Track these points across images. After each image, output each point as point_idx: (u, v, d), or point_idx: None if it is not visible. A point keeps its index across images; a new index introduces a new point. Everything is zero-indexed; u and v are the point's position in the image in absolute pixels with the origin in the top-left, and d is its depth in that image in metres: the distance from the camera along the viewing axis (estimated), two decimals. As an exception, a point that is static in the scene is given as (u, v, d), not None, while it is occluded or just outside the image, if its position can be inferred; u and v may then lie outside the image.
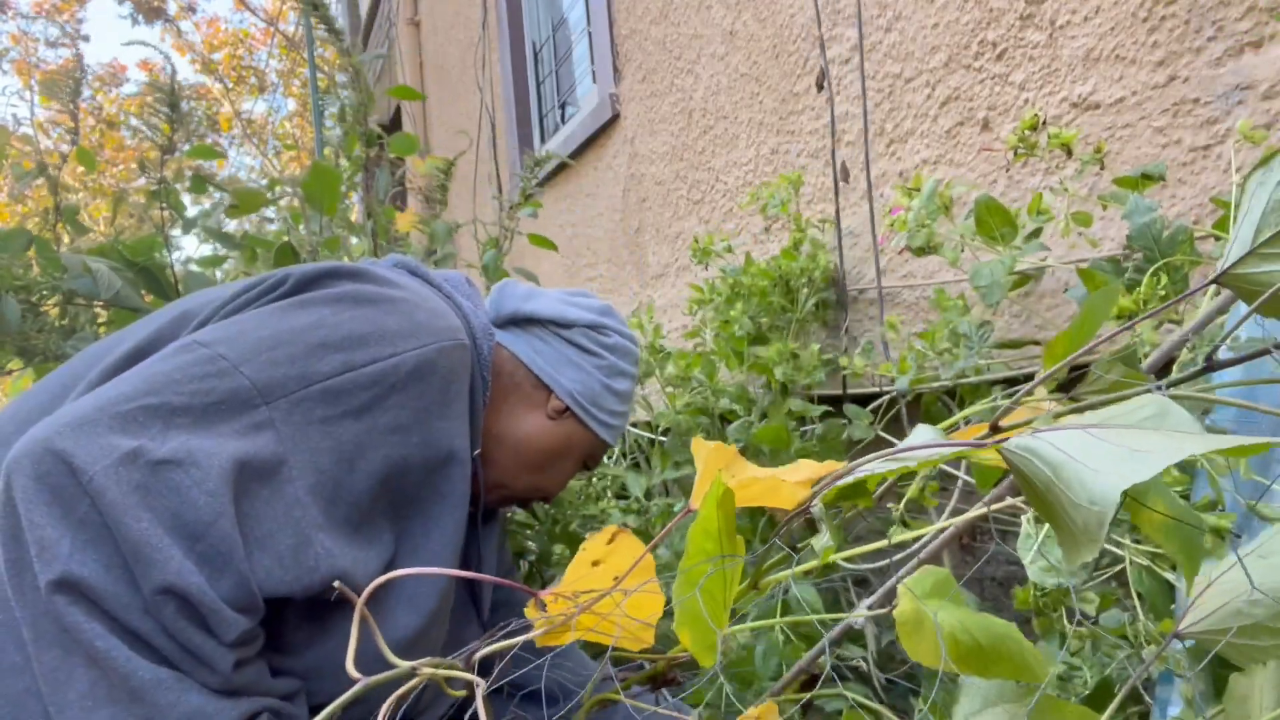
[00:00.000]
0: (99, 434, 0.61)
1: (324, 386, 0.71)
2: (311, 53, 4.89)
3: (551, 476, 1.00)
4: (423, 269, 0.93)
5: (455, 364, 0.80)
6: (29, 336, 1.34)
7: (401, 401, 0.74)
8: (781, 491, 0.53)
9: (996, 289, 1.16)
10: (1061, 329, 1.29)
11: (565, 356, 0.98)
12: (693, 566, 0.47)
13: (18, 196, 5.79)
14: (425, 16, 5.73)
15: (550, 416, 0.97)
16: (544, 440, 0.97)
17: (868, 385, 1.60)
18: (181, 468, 0.62)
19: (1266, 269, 0.45)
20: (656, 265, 2.64)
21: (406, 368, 0.75)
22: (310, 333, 0.73)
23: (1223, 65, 1.09)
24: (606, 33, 2.86)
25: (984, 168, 1.45)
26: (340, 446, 0.71)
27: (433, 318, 0.80)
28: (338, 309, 0.76)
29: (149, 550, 0.59)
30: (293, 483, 0.67)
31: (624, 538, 0.58)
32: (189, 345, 0.70)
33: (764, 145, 2.06)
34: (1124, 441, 0.37)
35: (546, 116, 3.96)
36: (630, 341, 1.02)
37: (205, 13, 30.81)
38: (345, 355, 0.73)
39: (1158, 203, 1.08)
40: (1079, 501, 0.36)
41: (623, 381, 1.00)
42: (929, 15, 1.53)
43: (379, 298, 0.78)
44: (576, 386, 0.97)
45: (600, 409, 0.98)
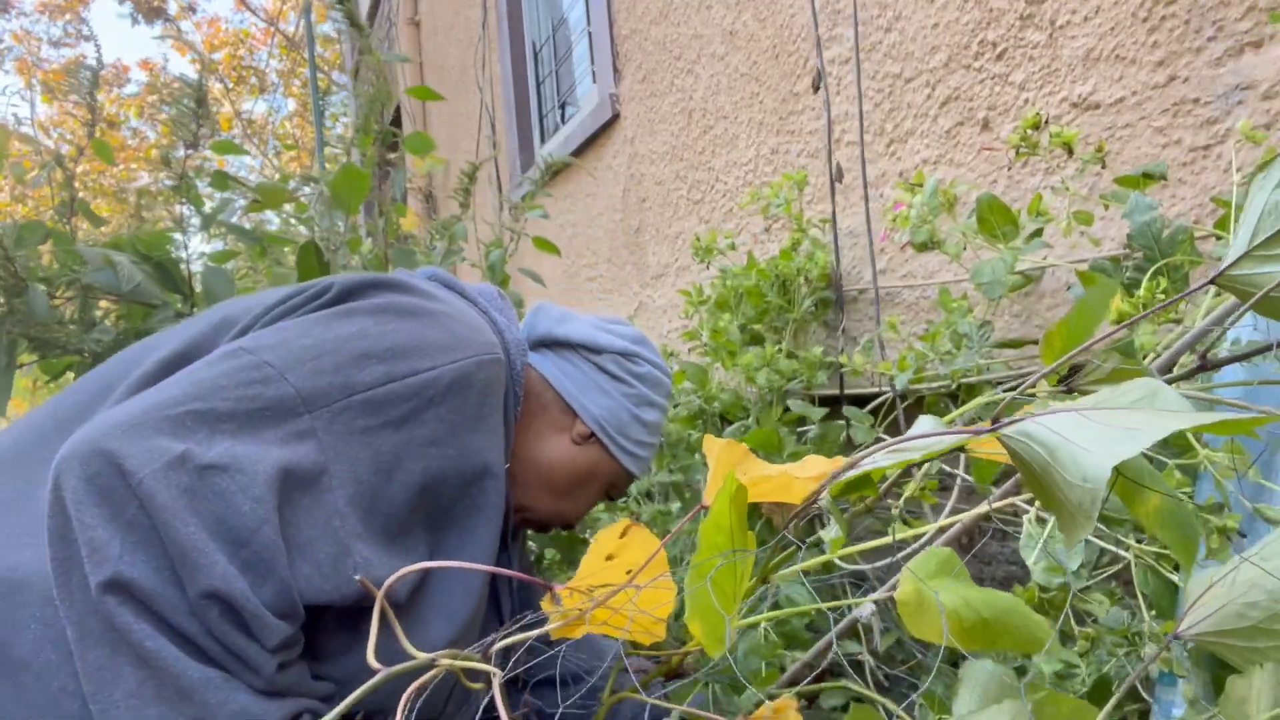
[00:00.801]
0: (148, 436, 0.62)
1: (365, 397, 0.72)
2: (312, 53, 4.89)
3: (574, 502, 1.00)
4: (457, 282, 0.94)
5: (491, 378, 0.81)
6: (49, 328, 1.34)
7: (439, 414, 0.75)
8: (793, 488, 0.53)
9: (998, 286, 1.16)
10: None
11: (594, 382, 0.98)
12: (704, 560, 0.49)
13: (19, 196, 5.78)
14: (425, 16, 5.73)
15: (575, 441, 0.97)
16: (568, 465, 0.97)
17: (866, 385, 1.60)
18: (227, 473, 0.62)
19: (1262, 270, 0.45)
20: (656, 265, 2.65)
21: (445, 380, 0.76)
22: (354, 342, 0.74)
23: (1223, 65, 1.09)
24: (606, 33, 2.86)
25: (984, 168, 1.45)
26: (379, 457, 0.71)
27: (471, 331, 0.81)
28: (381, 320, 0.76)
29: (195, 555, 0.60)
30: (332, 491, 0.68)
31: (636, 531, 0.59)
32: (235, 351, 0.71)
33: (764, 145, 2.06)
34: (1115, 421, 0.38)
35: (546, 116, 3.96)
36: (662, 373, 1.02)
37: (205, 12, 30.81)
38: (387, 366, 0.73)
39: (1158, 202, 1.08)
40: (1073, 480, 0.37)
41: (651, 412, 1.00)
42: (929, 15, 1.53)
43: (420, 310, 0.79)
44: (603, 413, 0.97)
45: (626, 438, 0.98)
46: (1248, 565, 0.48)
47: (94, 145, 1.49)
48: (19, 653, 0.64)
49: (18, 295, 1.30)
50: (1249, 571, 0.48)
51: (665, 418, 1.03)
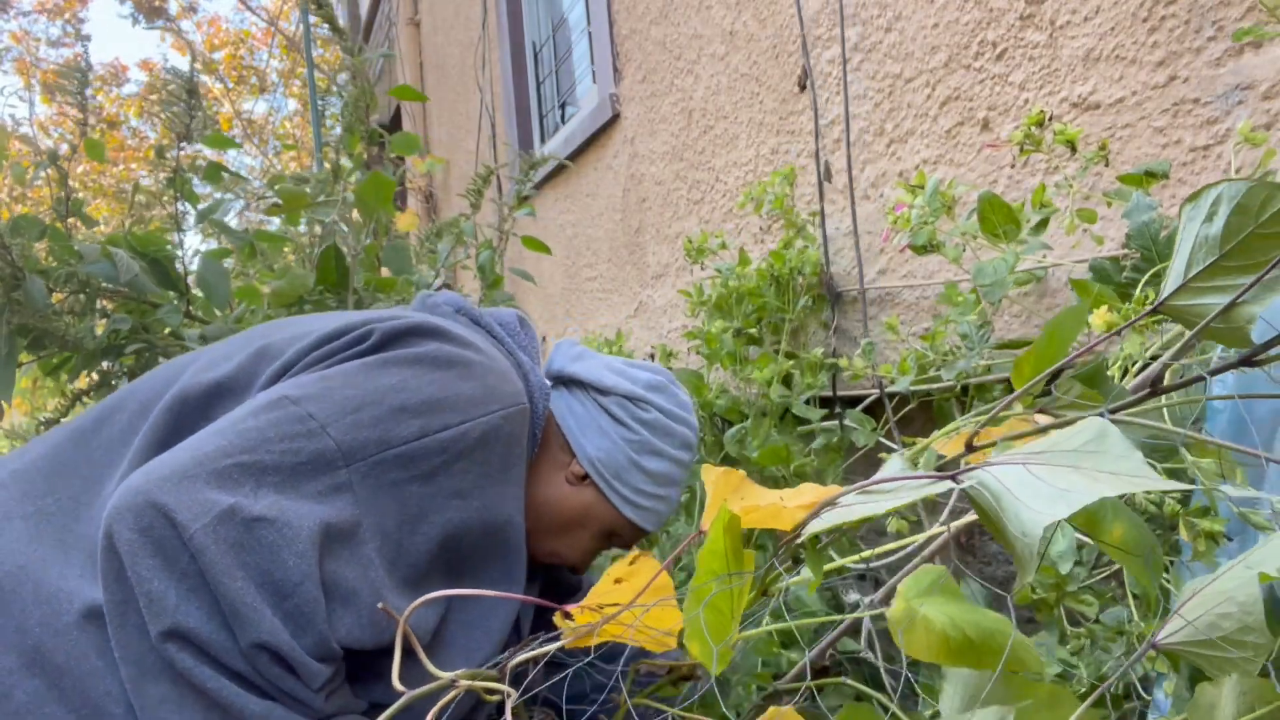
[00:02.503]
0: (198, 489, 0.64)
1: (400, 451, 0.73)
2: (311, 53, 4.89)
3: (568, 544, 0.98)
4: (483, 316, 0.94)
5: (516, 430, 0.83)
6: (48, 319, 1.34)
7: (466, 467, 0.77)
8: (783, 516, 0.57)
9: (999, 287, 1.16)
10: (1061, 329, 1.29)
11: (595, 423, 0.97)
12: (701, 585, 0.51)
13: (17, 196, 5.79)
14: (425, 16, 5.73)
15: (570, 481, 0.96)
16: (560, 505, 0.96)
17: (862, 386, 1.60)
18: (274, 526, 0.65)
19: (1200, 301, 0.47)
20: (656, 265, 2.65)
21: (475, 435, 0.78)
22: (393, 395, 0.75)
23: (1223, 65, 1.09)
24: (606, 33, 2.86)
25: (984, 168, 1.45)
26: (405, 509, 0.73)
27: (501, 382, 0.83)
28: (419, 371, 0.78)
29: (244, 608, 0.63)
30: (366, 544, 0.71)
31: (644, 560, 0.63)
32: (280, 401, 0.72)
33: (764, 145, 2.06)
34: (1052, 480, 0.40)
35: (546, 116, 3.96)
36: (675, 420, 0.98)
37: (206, 12, 30.83)
38: (423, 421, 0.75)
39: (1158, 201, 1.08)
40: (1016, 534, 0.40)
41: (656, 461, 0.96)
42: (929, 15, 1.53)
43: (457, 361, 0.80)
44: (599, 454, 0.95)
45: (624, 483, 0.96)
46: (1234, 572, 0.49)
47: (86, 145, 1.49)
48: (58, 659, 0.67)
49: (15, 286, 1.30)
50: (1226, 582, 0.49)
51: (682, 471, 0.99)
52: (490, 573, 0.83)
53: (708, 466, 0.63)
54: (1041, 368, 0.53)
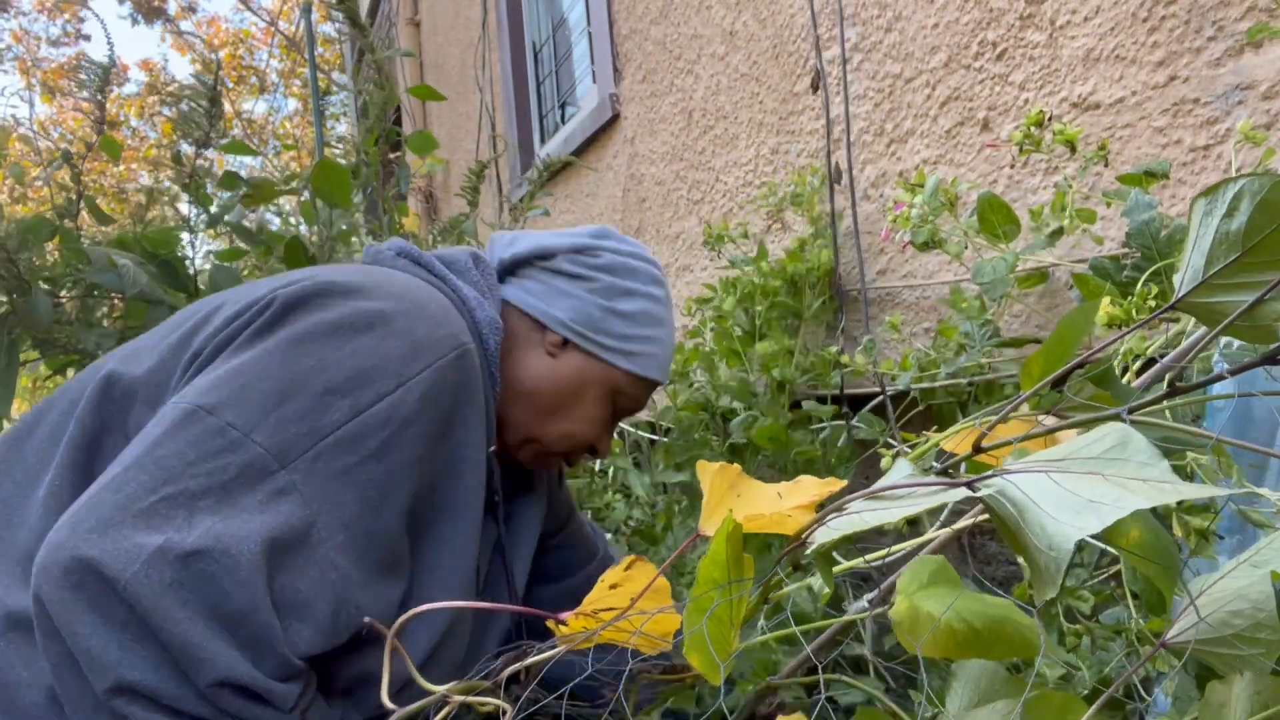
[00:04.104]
0: (124, 535, 0.61)
1: (337, 437, 0.69)
2: (312, 53, 4.89)
3: (575, 420, 0.92)
4: (426, 256, 0.89)
5: (462, 375, 0.78)
6: (53, 330, 1.34)
7: (417, 432, 0.73)
8: (786, 524, 0.55)
9: (999, 285, 1.16)
10: (1061, 329, 1.29)
11: (554, 288, 0.92)
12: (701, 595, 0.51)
13: (18, 196, 5.78)
14: (425, 16, 5.73)
15: (550, 354, 0.91)
16: (549, 380, 0.91)
17: (868, 384, 1.60)
18: (211, 556, 0.61)
19: (1222, 299, 0.46)
20: (656, 265, 2.65)
21: (414, 396, 0.73)
22: (314, 378, 0.70)
23: (1223, 65, 1.09)
24: (606, 33, 2.86)
25: (984, 168, 1.45)
26: (364, 494, 0.70)
27: (433, 329, 0.77)
28: (336, 344, 0.72)
29: (193, 649, 0.60)
30: (324, 544, 0.67)
31: (641, 565, 0.61)
32: (194, 415, 0.67)
33: (764, 145, 2.06)
34: (1080, 489, 0.39)
35: (546, 116, 3.96)
36: (633, 258, 0.94)
37: (205, 12, 30.82)
38: (352, 399, 0.70)
39: (1158, 200, 1.08)
40: (1040, 546, 0.38)
41: (629, 301, 0.92)
42: (929, 15, 1.53)
43: (376, 319, 0.74)
44: (568, 314, 0.90)
45: (605, 334, 0.91)
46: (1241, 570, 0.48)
47: (103, 143, 1.49)
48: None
49: (22, 295, 1.30)
50: (1235, 580, 0.48)
51: (661, 308, 0.94)
52: (447, 526, 0.79)
53: (703, 463, 0.62)
54: (1052, 368, 0.52)
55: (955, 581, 0.52)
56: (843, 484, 0.60)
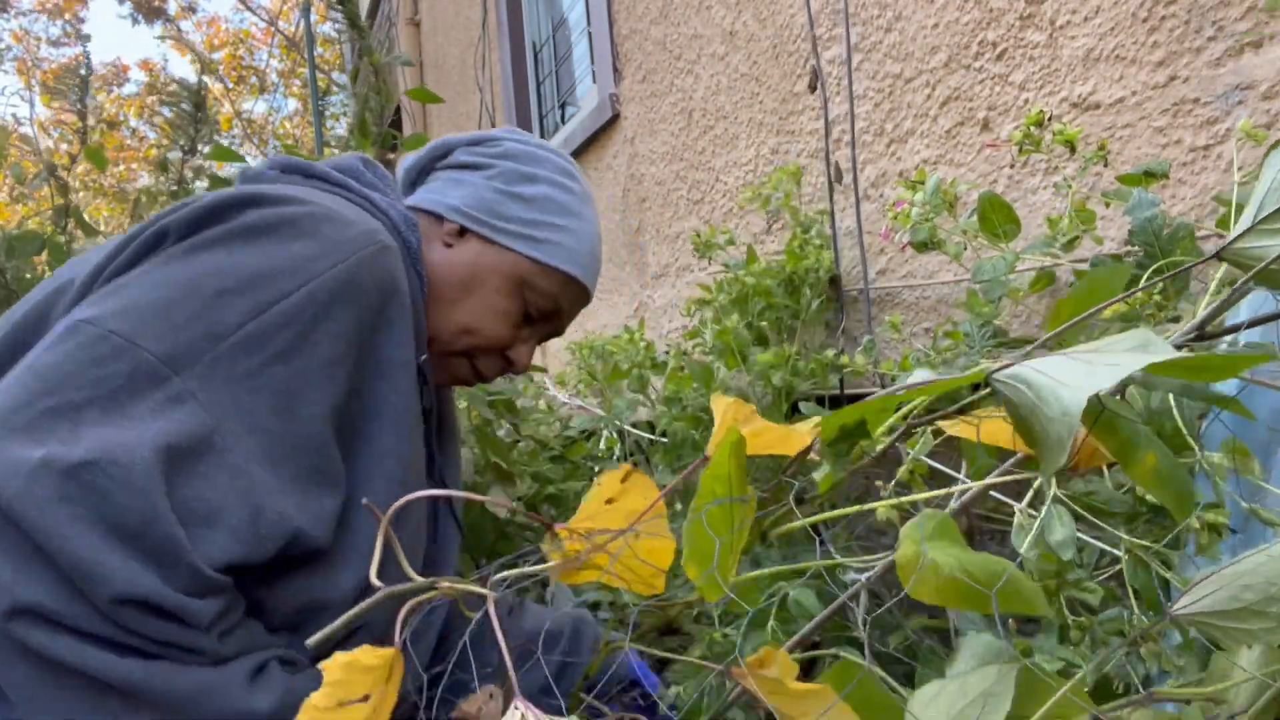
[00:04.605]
0: (3, 451, 0.56)
1: (236, 339, 0.64)
2: (311, 53, 4.89)
3: (474, 312, 0.86)
4: (316, 167, 0.83)
5: (382, 270, 0.73)
6: None
7: (331, 331, 0.68)
8: (791, 439, 0.54)
9: (998, 285, 1.17)
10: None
11: (450, 180, 0.88)
12: (704, 508, 0.49)
13: (18, 196, 5.79)
14: (425, 16, 5.73)
15: (447, 244, 0.86)
16: (445, 269, 0.85)
17: (866, 385, 1.60)
18: (99, 467, 0.56)
19: (1264, 244, 0.46)
20: (656, 265, 2.64)
21: (325, 292, 0.68)
22: (205, 283, 0.65)
23: (1223, 65, 1.09)
24: (606, 33, 2.86)
25: (984, 168, 1.45)
26: (274, 397, 0.65)
27: (343, 228, 0.72)
28: (231, 248, 0.67)
29: (87, 565, 0.55)
30: (230, 451, 0.62)
31: (638, 477, 0.58)
32: (74, 328, 0.63)
33: (764, 145, 2.06)
34: (1099, 359, 0.40)
35: (546, 116, 3.96)
36: (540, 148, 0.89)
37: (205, 12, 30.83)
38: (251, 298, 0.65)
39: (1160, 199, 1.08)
40: (1052, 415, 0.39)
41: (532, 186, 0.87)
42: (929, 15, 1.53)
43: (277, 222, 0.69)
44: (464, 201, 0.86)
45: (502, 218, 0.86)
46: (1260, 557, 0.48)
47: (86, 152, 1.49)
48: None
49: (7, 306, 1.30)
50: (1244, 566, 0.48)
51: (573, 198, 0.89)
52: (377, 429, 0.73)
53: (717, 396, 0.60)
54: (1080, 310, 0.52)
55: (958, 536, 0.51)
56: None
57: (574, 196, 0.90)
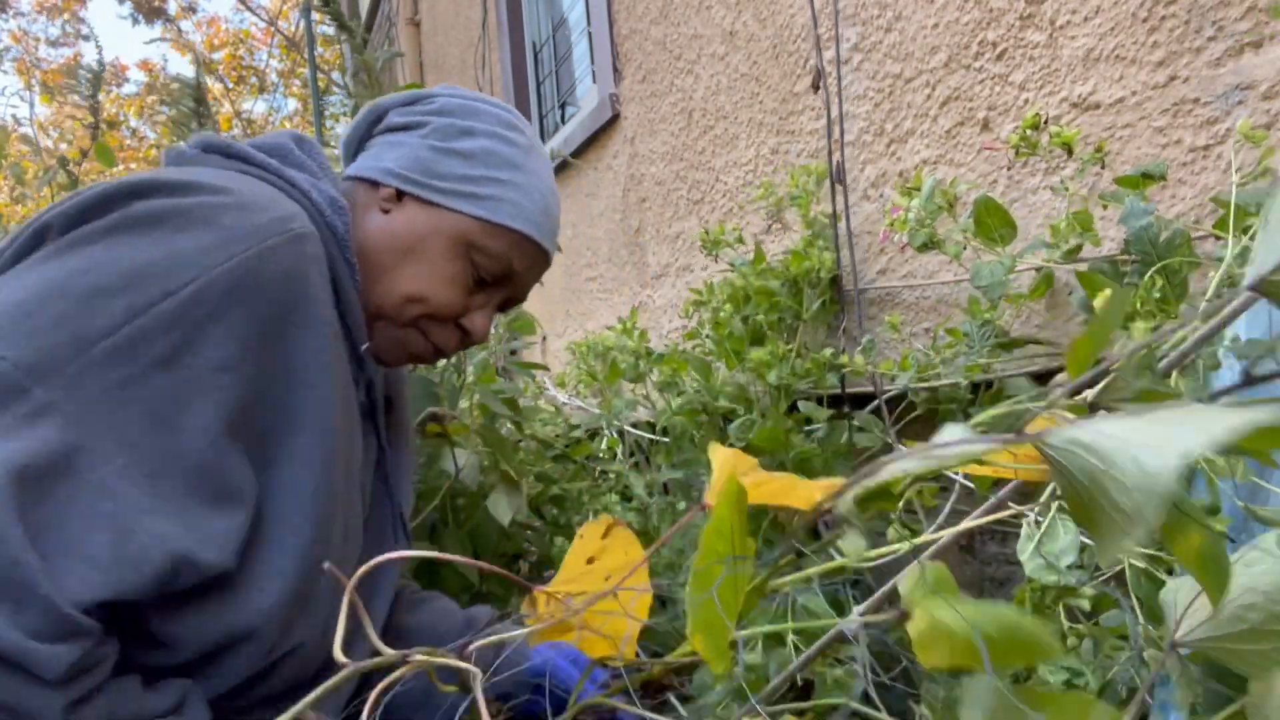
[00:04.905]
0: None
1: (109, 344, 0.57)
2: (312, 53, 4.89)
3: (418, 279, 0.80)
4: (237, 146, 0.76)
5: (293, 262, 0.66)
6: None
7: (222, 333, 0.61)
8: (797, 491, 0.50)
9: (997, 288, 1.16)
10: (1061, 329, 1.29)
11: (386, 144, 0.83)
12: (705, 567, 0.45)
13: (18, 197, 5.79)
14: (425, 16, 5.73)
15: (384, 210, 0.81)
16: (383, 237, 0.80)
17: (868, 385, 1.60)
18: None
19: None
20: (656, 265, 2.64)
21: (218, 290, 0.60)
22: (78, 282, 0.58)
23: (1223, 65, 1.09)
24: (606, 33, 2.86)
25: (984, 168, 1.45)
26: (151, 409, 0.58)
27: (246, 216, 0.64)
28: (112, 242, 0.60)
29: None
30: (95, 470, 0.56)
31: (619, 532, 0.55)
32: None
33: (764, 145, 2.06)
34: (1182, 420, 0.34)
35: (546, 116, 3.96)
36: (478, 101, 0.84)
37: (205, 12, 30.84)
38: (128, 298, 0.58)
39: (1155, 204, 1.08)
40: (1129, 481, 0.33)
41: (470, 140, 0.81)
42: (929, 15, 1.53)
43: (168, 212, 0.62)
44: (398, 163, 0.80)
45: (442, 177, 0.80)
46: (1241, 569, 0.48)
47: (97, 149, 1.49)
48: None
49: None
50: (1242, 576, 0.47)
51: (517, 150, 0.83)
52: (297, 441, 0.67)
53: (715, 445, 0.57)
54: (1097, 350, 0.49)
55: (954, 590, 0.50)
56: None
57: (517, 149, 0.83)
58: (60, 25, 14.19)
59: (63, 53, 14.04)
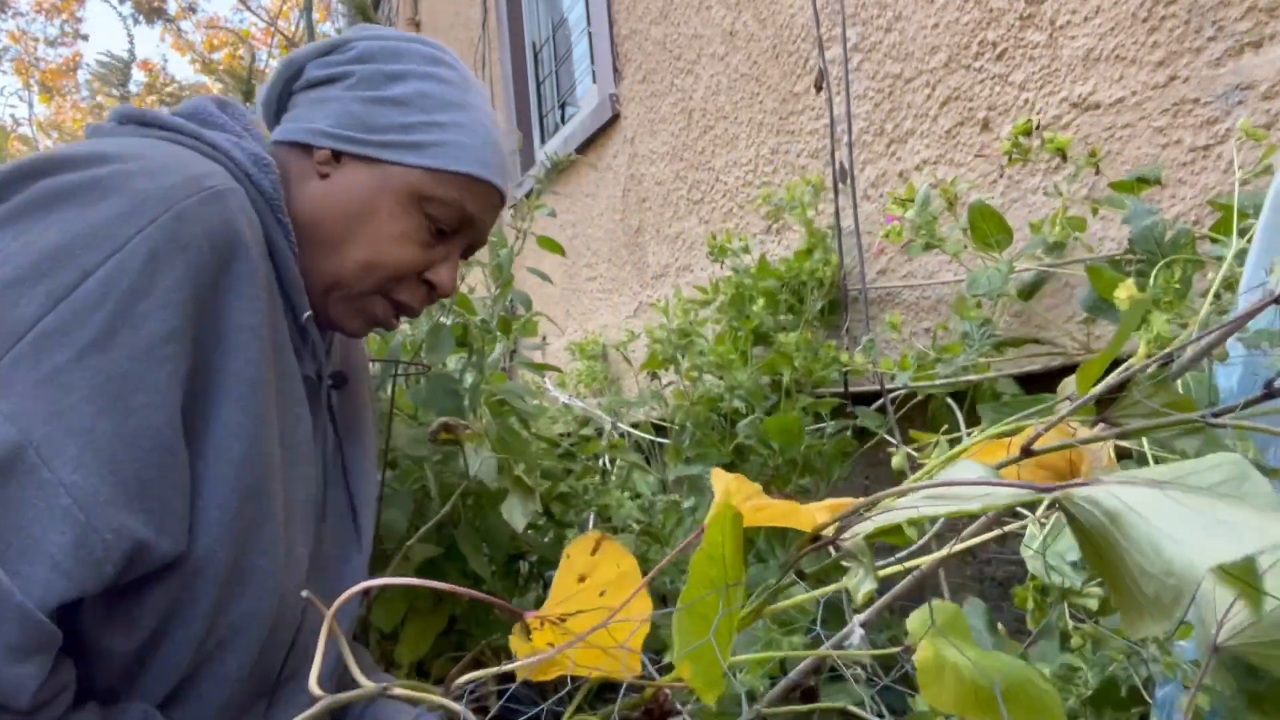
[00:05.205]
0: None
1: (37, 333, 0.54)
2: (311, 53, 4.89)
3: (374, 243, 0.76)
4: (152, 114, 0.73)
5: (212, 220, 0.62)
6: None
7: (157, 303, 0.58)
8: (799, 515, 0.49)
9: (995, 292, 1.17)
10: (1062, 328, 1.29)
11: (310, 101, 0.77)
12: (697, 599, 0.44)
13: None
14: (425, 16, 5.73)
15: (322, 175, 0.76)
16: (328, 204, 0.75)
17: (868, 384, 1.60)
18: None
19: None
20: (656, 265, 2.64)
21: (140, 258, 0.57)
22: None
23: (1223, 65, 1.09)
24: (606, 33, 2.86)
25: (984, 168, 1.45)
26: (97, 393, 0.55)
27: (157, 178, 0.61)
28: (20, 227, 0.57)
29: None
30: (46, 465, 0.53)
31: (607, 546, 0.53)
32: None
33: (764, 145, 2.06)
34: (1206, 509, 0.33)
35: (546, 116, 3.96)
36: (398, 40, 0.78)
37: (205, 12, 30.82)
38: (47, 283, 0.55)
39: (1158, 205, 1.08)
40: (1151, 571, 0.32)
41: (401, 85, 0.75)
42: (929, 15, 1.53)
43: (74, 187, 0.59)
44: (328, 122, 0.75)
45: (377, 130, 0.75)
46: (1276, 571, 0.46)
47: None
48: None
49: None
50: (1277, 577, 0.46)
51: (451, 88, 0.78)
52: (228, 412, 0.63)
53: (718, 471, 0.56)
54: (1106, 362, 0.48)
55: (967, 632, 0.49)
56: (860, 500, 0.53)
57: (451, 86, 0.78)
58: (59, 25, 14.18)
59: (61, 53, 14.04)
